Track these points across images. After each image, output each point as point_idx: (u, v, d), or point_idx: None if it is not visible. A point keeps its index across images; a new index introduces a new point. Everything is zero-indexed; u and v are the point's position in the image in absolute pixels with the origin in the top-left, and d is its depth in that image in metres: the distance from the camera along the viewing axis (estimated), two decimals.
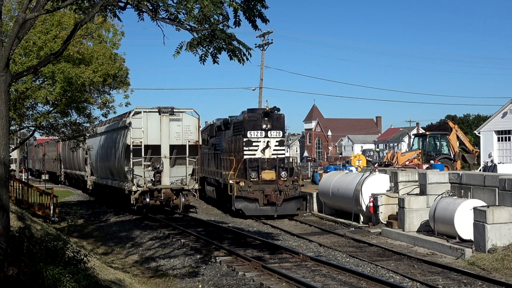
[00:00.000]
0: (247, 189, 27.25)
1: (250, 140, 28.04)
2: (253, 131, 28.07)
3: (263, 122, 28.13)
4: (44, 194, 26.76)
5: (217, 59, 10.74)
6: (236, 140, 29.30)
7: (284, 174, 27.76)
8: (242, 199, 27.20)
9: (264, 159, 28.00)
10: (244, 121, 28.17)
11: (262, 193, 27.31)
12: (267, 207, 27.24)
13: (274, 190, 27.22)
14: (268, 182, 27.57)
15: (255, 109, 29.10)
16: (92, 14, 10.65)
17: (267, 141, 28.12)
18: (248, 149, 27.99)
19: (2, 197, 9.92)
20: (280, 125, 28.57)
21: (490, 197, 19.48)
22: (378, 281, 13.94)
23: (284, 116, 28.86)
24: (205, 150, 35.18)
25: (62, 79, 21.64)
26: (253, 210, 27.21)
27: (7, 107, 10.11)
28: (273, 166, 27.95)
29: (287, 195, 27.47)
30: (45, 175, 56.24)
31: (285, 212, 27.38)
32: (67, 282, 9.70)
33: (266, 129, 28.15)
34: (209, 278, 15.08)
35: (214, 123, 34.41)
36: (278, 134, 28.41)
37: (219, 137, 32.65)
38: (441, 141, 42.14)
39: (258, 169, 27.72)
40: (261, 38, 50.32)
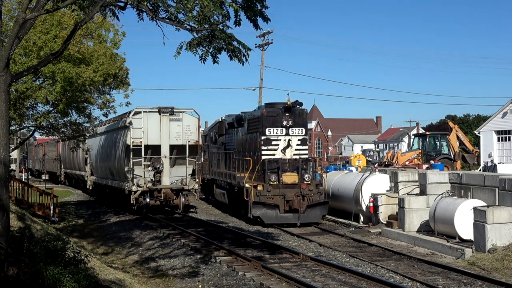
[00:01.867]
0: (266, 194, 24.30)
1: (269, 139, 25.09)
2: (273, 128, 25.08)
3: (283, 118, 25.06)
4: (44, 194, 26.77)
5: (217, 59, 10.75)
6: (252, 139, 26.50)
7: (307, 177, 24.69)
8: (260, 205, 24.11)
9: (285, 160, 25.04)
10: (262, 117, 25.16)
11: (283, 199, 24.31)
12: (288, 214, 24.25)
13: (297, 195, 24.23)
14: (290, 186, 24.55)
15: (274, 104, 25.75)
16: (92, 14, 10.67)
17: (288, 139, 25.15)
18: (266, 149, 25.07)
19: (2, 197, 9.93)
20: (302, 121, 25.41)
21: (490, 197, 19.47)
22: (378, 281, 13.94)
23: (307, 111, 25.81)
24: (213, 149, 32.92)
25: (62, 79, 21.64)
26: (273, 218, 24.18)
27: (7, 107, 10.12)
28: (295, 168, 24.93)
29: (311, 200, 24.53)
30: (45, 175, 56.24)
31: (309, 220, 24.46)
32: (67, 282, 9.70)
33: (287, 126, 25.10)
34: (209, 278, 15.08)
35: (223, 120, 31.48)
36: (300, 132, 25.29)
37: (230, 135, 29.95)
38: (441, 141, 42.15)
39: (278, 171, 24.76)
40: (261, 38, 50.36)
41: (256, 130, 25.80)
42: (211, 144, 33.61)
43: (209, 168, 33.27)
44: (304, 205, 24.23)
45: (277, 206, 24.19)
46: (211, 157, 33.23)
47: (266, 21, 10.81)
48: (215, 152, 32.36)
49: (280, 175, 24.64)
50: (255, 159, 25.38)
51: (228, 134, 30.37)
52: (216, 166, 31.64)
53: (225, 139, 30.68)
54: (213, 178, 32.01)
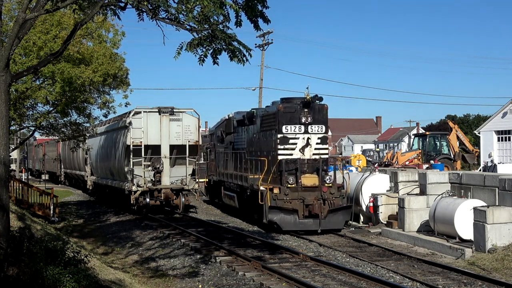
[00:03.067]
0: (283, 198, 22.21)
1: (285, 137, 22.91)
2: (290, 126, 22.91)
3: (302, 114, 22.88)
4: (44, 194, 26.77)
5: (217, 60, 10.75)
6: (266, 137, 24.40)
7: (329, 179, 22.76)
8: (277, 210, 21.99)
9: (303, 160, 22.89)
10: (279, 113, 23.00)
11: (302, 203, 22.24)
12: (308, 220, 22.10)
13: (317, 199, 22.22)
14: (309, 188, 22.47)
15: (291, 99, 23.57)
16: (92, 14, 10.67)
17: (307, 137, 22.92)
18: (283, 148, 22.90)
19: (2, 197, 9.93)
20: (322, 118, 23.28)
21: (490, 197, 19.48)
22: (378, 281, 13.94)
23: (328, 107, 23.48)
24: (220, 149, 30.74)
25: (61, 79, 21.65)
26: (291, 224, 21.99)
27: (7, 107, 10.12)
28: (315, 169, 22.84)
29: (332, 205, 22.48)
30: (45, 175, 56.25)
31: (331, 226, 22.29)
32: (67, 282, 9.71)
33: (306, 123, 22.93)
34: (209, 278, 15.08)
35: (232, 117, 29.32)
36: (320, 129, 23.17)
37: (240, 134, 27.85)
38: (441, 141, 42.17)
39: (297, 172, 22.66)
40: (261, 38, 50.35)
41: (271, 128, 23.71)
42: (217, 143, 31.45)
43: (216, 169, 31.14)
44: (326, 210, 22.21)
45: (295, 211, 22.06)
46: (218, 157, 31.15)
47: (267, 22, 10.81)
48: (222, 151, 30.34)
49: (298, 177, 22.59)
50: (270, 160, 23.33)
51: (237, 133, 28.43)
52: (224, 166, 29.73)
53: (234, 137, 28.74)
54: (221, 180, 30.00)
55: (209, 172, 33.25)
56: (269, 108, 24.79)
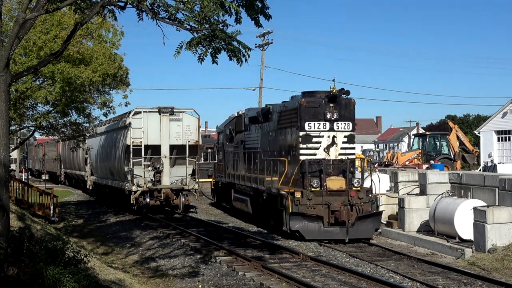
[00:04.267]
0: (306, 203, 20.06)
1: (308, 135, 20.78)
2: (313, 122, 20.75)
3: (327, 109, 20.77)
4: (44, 194, 26.79)
5: (216, 59, 10.74)
6: (284, 135, 22.23)
7: (357, 182, 20.61)
8: (299, 217, 19.88)
9: (328, 161, 20.73)
10: (301, 108, 20.85)
11: (327, 208, 20.09)
12: (334, 228, 19.99)
13: (344, 204, 20.08)
14: (335, 192, 20.36)
15: (314, 92, 21.42)
16: (92, 14, 10.67)
17: (332, 135, 20.85)
18: (305, 147, 20.80)
19: (2, 197, 9.93)
20: (349, 114, 21.16)
21: (490, 197, 19.49)
22: (378, 281, 13.95)
23: (355, 102, 21.33)
24: (229, 148, 28.83)
25: (61, 79, 21.67)
26: (315, 233, 19.91)
27: (7, 107, 10.12)
28: (341, 171, 20.80)
29: (361, 211, 20.30)
30: (45, 175, 56.28)
31: (359, 235, 20.14)
32: (67, 282, 9.71)
33: (332, 119, 20.80)
34: (209, 278, 15.09)
35: (243, 114, 27.56)
36: (347, 126, 21.04)
37: (253, 132, 25.88)
38: (441, 141, 42.20)
39: (321, 174, 20.45)
40: (261, 38, 50.37)
41: (291, 125, 21.57)
42: (226, 142, 29.37)
43: (225, 170, 29.02)
44: (353, 217, 20.05)
45: (320, 218, 19.92)
46: (227, 157, 29.06)
47: (268, 19, 10.78)
48: (231, 151, 28.43)
49: (323, 180, 20.39)
50: (290, 160, 21.30)
51: (248, 131, 26.51)
52: (233, 167, 27.83)
53: (245, 136, 26.82)
54: (230, 182, 27.91)
55: (217, 173, 31.22)
56: (289, 103, 22.48)
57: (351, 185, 20.55)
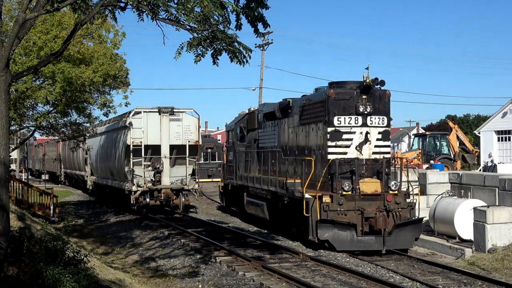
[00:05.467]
0: (336, 209, 17.81)
1: (338, 131, 18.47)
2: (344, 117, 18.44)
3: (359, 102, 18.43)
4: (44, 194, 26.79)
5: (217, 61, 10.74)
6: (308, 132, 19.98)
7: (394, 185, 18.29)
8: (329, 225, 17.62)
9: (361, 161, 18.45)
10: (329, 100, 18.56)
11: (360, 215, 17.80)
12: (369, 237, 17.69)
13: (380, 210, 17.84)
14: (370, 197, 18.07)
15: (344, 83, 19.14)
16: (92, 14, 10.67)
17: (365, 131, 18.54)
18: (335, 145, 18.48)
19: (2, 197, 9.93)
20: (384, 107, 18.83)
21: (490, 197, 19.50)
22: (378, 281, 13.95)
23: (390, 94, 19.10)
24: (240, 147, 26.75)
25: (62, 79, 21.67)
26: (347, 243, 17.66)
27: (7, 107, 10.13)
28: (375, 172, 18.55)
29: (399, 218, 17.97)
30: (45, 175, 56.29)
31: (397, 246, 17.88)
32: (67, 282, 9.71)
33: (365, 113, 18.44)
34: (209, 278, 15.10)
35: (256, 110, 25.55)
36: (381, 122, 18.69)
37: (268, 129, 23.82)
38: (441, 141, 42.19)
39: (353, 176, 18.25)
40: (261, 38, 50.40)
41: (318, 119, 19.29)
42: (237, 141, 27.32)
43: (236, 172, 26.87)
44: (391, 225, 17.77)
45: (353, 226, 17.66)
46: (237, 157, 26.83)
47: (265, 27, 10.81)
48: (243, 151, 26.30)
49: (355, 182, 18.13)
50: (316, 160, 19.10)
51: (263, 128, 24.43)
52: (245, 169, 25.73)
53: (259, 134, 24.78)
54: (242, 185, 25.65)
55: (227, 175, 29.05)
56: (313, 96, 20.32)
57: (388, 188, 18.27)
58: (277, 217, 21.79)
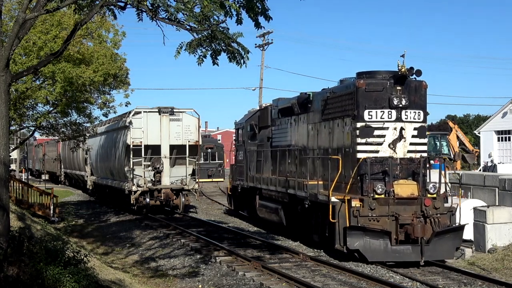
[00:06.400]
0: (368, 214, 15.97)
1: (369, 126, 16.61)
2: (376, 110, 16.58)
3: (393, 94, 16.57)
4: (44, 194, 26.78)
5: (217, 61, 10.75)
6: (333, 128, 18.14)
7: (433, 187, 16.42)
8: (359, 232, 15.75)
9: (395, 160, 16.58)
10: (358, 92, 16.71)
11: (395, 221, 15.98)
12: (405, 246, 15.82)
13: (417, 216, 15.94)
14: (405, 201, 16.19)
15: (375, 72, 17.26)
16: (92, 14, 10.67)
17: (400, 127, 16.70)
18: (365, 142, 16.65)
19: (2, 197, 9.93)
20: (420, 100, 17.00)
21: (490, 197, 19.50)
22: (378, 281, 13.95)
23: (427, 85, 17.14)
24: (251, 146, 25.08)
25: (62, 79, 21.67)
26: (380, 253, 15.78)
27: (7, 107, 10.13)
28: (411, 173, 16.67)
29: (437, 224, 16.01)
30: (45, 175, 56.28)
31: (437, 256, 16.00)
32: (67, 282, 9.72)
33: (400, 107, 16.59)
34: (209, 278, 15.10)
35: (269, 106, 23.86)
36: (417, 116, 16.85)
37: (284, 126, 22.05)
38: (441, 141, 42.17)
39: (386, 177, 16.40)
40: (261, 38, 50.37)
41: (344, 114, 17.45)
42: (248, 140, 25.58)
43: (247, 172, 25.18)
44: (429, 232, 15.83)
45: (387, 234, 15.76)
46: (249, 157, 25.15)
47: (268, 20, 10.76)
48: (254, 150, 24.58)
49: (389, 184, 16.30)
50: (343, 159, 17.20)
51: (277, 125, 22.76)
52: (257, 169, 24.01)
53: (272, 132, 23.14)
54: (254, 187, 23.97)
55: (236, 176, 27.34)
56: (338, 88, 18.42)
57: (426, 191, 16.43)
58: (295, 223, 20.17)
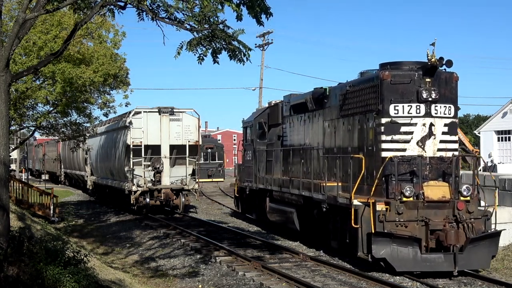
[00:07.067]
0: (395, 218, 14.54)
1: (395, 122, 15.20)
2: (402, 105, 15.17)
3: (422, 86, 15.12)
4: (44, 194, 26.78)
5: (217, 59, 10.75)
6: (353, 124, 16.79)
7: (466, 189, 14.99)
8: (386, 239, 14.34)
9: (425, 159, 15.10)
10: (383, 84, 15.29)
11: (424, 227, 14.58)
12: (436, 255, 14.41)
13: (449, 221, 14.51)
14: (436, 204, 14.77)
15: (401, 63, 15.79)
16: (92, 14, 10.67)
17: (429, 123, 15.27)
18: (391, 139, 15.24)
19: (2, 197, 9.93)
20: (451, 93, 15.59)
21: (490, 197, 19.48)
22: (378, 281, 13.94)
23: (458, 77, 15.74)
24: (261, 146, 23.75)
25: (62, 79, 21.68)
26: (409, 262, 14.37)
27: (7, 107, 10.13)
28: (441, 173, 15.22)
29: (471, 230, 14.54)
30: (45, 175, 56.28)
31: (472, 266, 14.76)
32: (67, 282, 9.72)
33: (429, 100, 15.15)
34: (209, 278, 15.09)
35: (279, 103, 22.52)
36: (448, 111, 15.43)
37: (296, 124, 20.76)
38: None
39: (416, 178, 14.95)
40: (261, 38, 50.33)
41: (366, 109, 16.02)
42: (257, 139, 24.29)
43: (256, 173, 23.71)
44: (463, 239, 14.37)
45: (416, 241, 14.35)
46: (258, 157, 23.74)
47: (268, 17, 10.71)
48: (264, 150, 23.29)
49: (418, 186, 14.82)
50: (368, 159, 15.67)
51: (288, 123, 21.49)
52: (266, 170, 22.73)
53: (283, 130, 21.89)
54: (264, 189, 22.66)
55: (243, 177, 25.88)
56: (359, 81, 16.94)
57: (460, 194, 14.99)
58: (310, 228, 19.00)
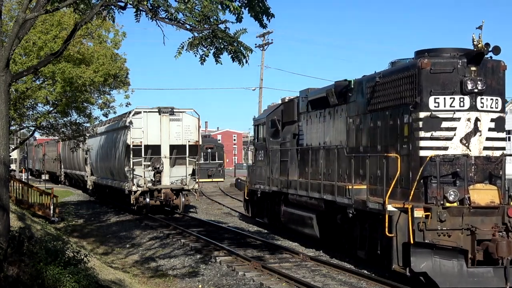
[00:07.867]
0: (437, 227, 12.68)
1: (435, 117, 13.33)
2: (443, 97, 13.29)
3: (466, 75, 13.24)
4: (44, 194, 26.79)
5: (219, 59, 10.75)
6: (384, 119, 14.93)
7: None
8: (427, 250, 12.53)
9: (470, 159, 13.24)
10: (422, 73, 13.42)
11: (470, 237, 12.75)
12: (485, 269, 12.50)
13: (498, 230, 12.71)
14: (483, 210, 12.97)
15: (441, 50, 13.84)
16: (92, 14, 10.66)
17: (475, 118, 13.41)
18: (430, 136, 13.38)
19: (2, 197, 9.93)
20: (498, 84, 13.69)
21: None
22: (378, 281, 13.94)
23: (506, 66, 13.84)
24: (274, 145, 22.05)
25: (62, 79, 21.68)
26: (454, 277, 12.41)
27: (7, 107, 10.13)
28: (488, 175, 13.40)
29: None
30: (45, 175, 56.28)
31: None
32: (67, 282, 9.72)
33: (475, 92, 13.26)
34: (209, 278, 15.09)
35: (295, 98, 20.96)
36: (495, 105, 13.55)
37: (315, 120, 19.04)
38: None
39: (459, 181, 13.13)
40: (261, 38, 50.38)
41: (400, 103, 14.19)
42: (269, 138, 22.57)
43: (269, 175, 22.04)
44: None
45: (462, 253, 12.54)
46: (271, 157, 21.98)
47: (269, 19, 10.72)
48: (277, 149, 21.64)
49: (463, 189, 12.95)
50: (401, 158, 13.73)
51: (306, 120, 19.75)
52: (280, 171, 21.18)
53: (299, 128, 20.28)
54: (279, 191, 21.06)
55: (255, 178, 24.20)
56: (390, 71, 15.02)
57: (508, 198, 13.32)
58: (332, 235, 17.51)
